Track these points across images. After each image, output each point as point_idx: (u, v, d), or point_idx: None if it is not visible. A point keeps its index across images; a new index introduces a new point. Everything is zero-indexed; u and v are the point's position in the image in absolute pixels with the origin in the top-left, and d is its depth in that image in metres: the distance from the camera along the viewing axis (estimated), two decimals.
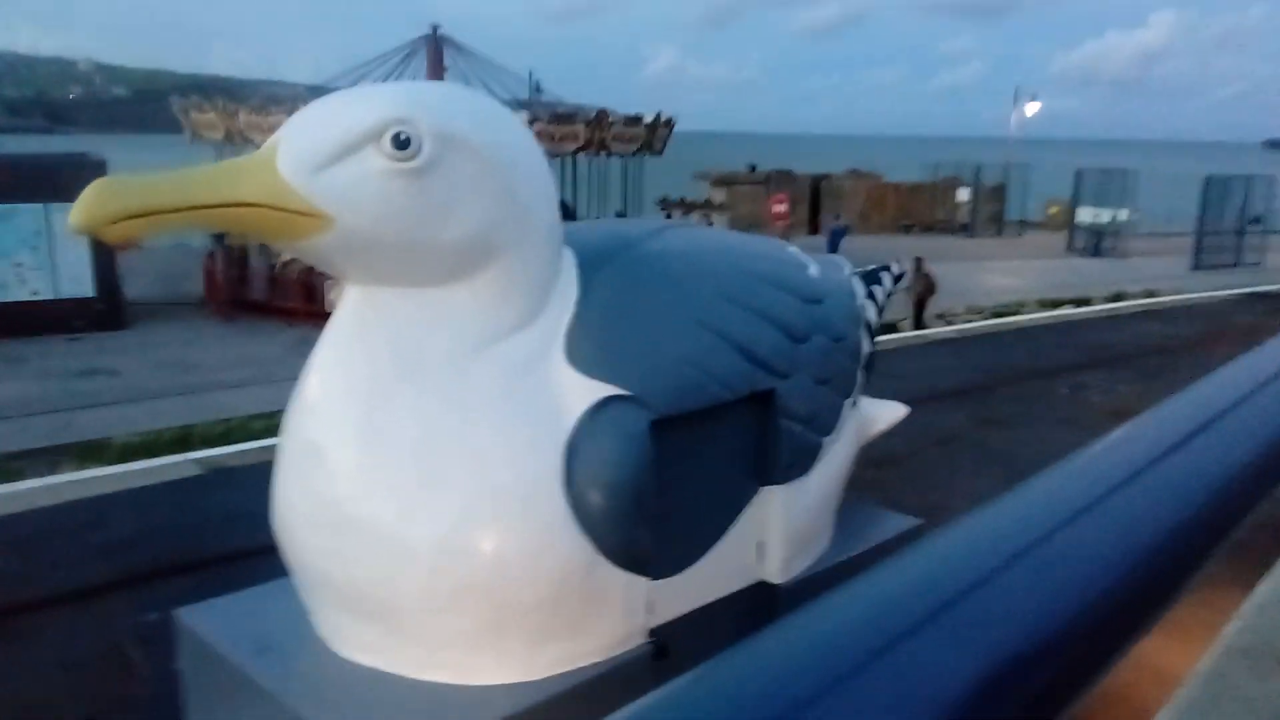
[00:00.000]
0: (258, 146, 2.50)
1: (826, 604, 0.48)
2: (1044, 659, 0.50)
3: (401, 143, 2.35)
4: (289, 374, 2.83)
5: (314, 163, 2.32)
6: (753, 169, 37.30)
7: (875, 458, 5.46)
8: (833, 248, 22.09)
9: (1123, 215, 29.69)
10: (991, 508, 0.58)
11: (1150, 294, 18.23)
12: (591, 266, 2.93)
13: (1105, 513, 0.59)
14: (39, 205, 15.42)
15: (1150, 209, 34.54)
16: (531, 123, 18.20)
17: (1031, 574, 0.52)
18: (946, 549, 0.54)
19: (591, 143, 20.78)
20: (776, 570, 3.39)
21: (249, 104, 19.68)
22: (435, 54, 22.52)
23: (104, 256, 15.85)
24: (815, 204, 36.05)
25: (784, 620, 0.47)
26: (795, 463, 3.36)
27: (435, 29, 22.96)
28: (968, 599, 0.49)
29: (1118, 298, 18.24)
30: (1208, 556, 0.64)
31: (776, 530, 3.35)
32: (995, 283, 22.65)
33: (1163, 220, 36.13)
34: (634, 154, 22.28)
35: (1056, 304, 17.92)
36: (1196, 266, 25.82)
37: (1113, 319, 13.68)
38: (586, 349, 2.75)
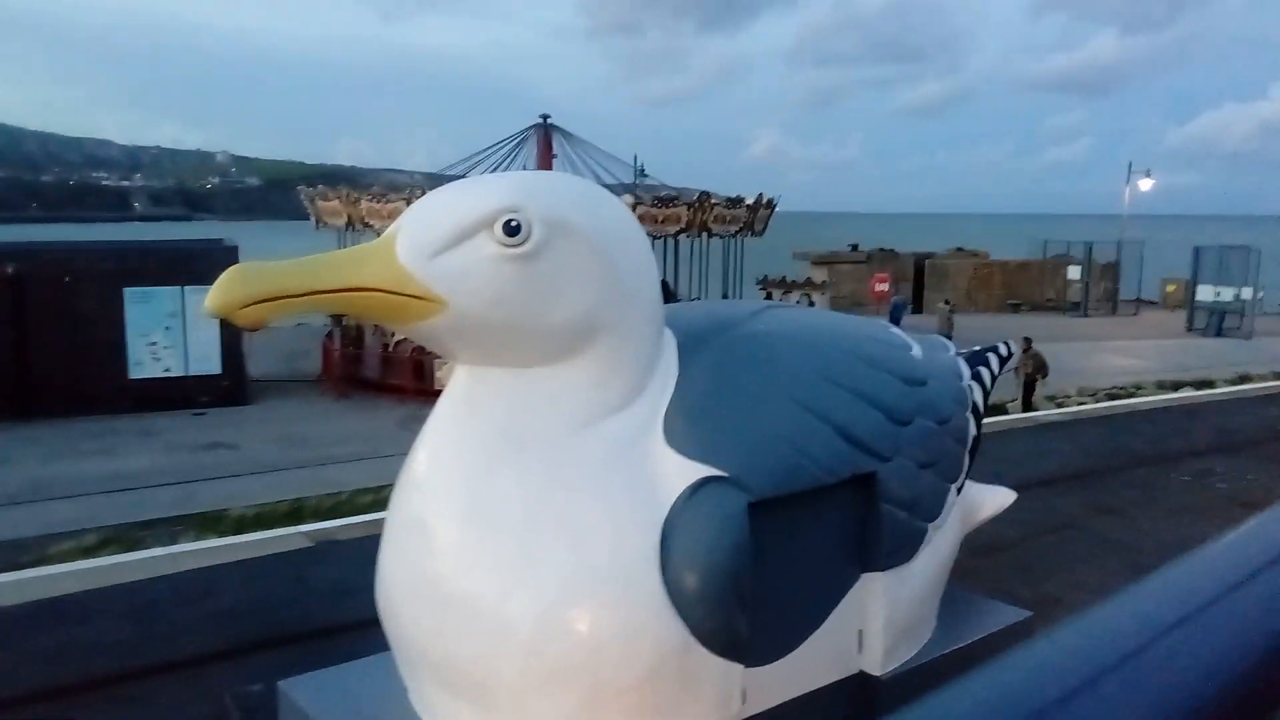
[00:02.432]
0: (377, 231, 2.66)
1: (927, 706, 0.48)
2: None
3: (513, 230, 2.45)
4: (398, 449, 2.93)
5: (430, 249, 2.44)
6: (854, 248, 37.15)
7: (982, 545, 5.27)
8: (894, 321, 21.75)
9: (1246, 293, 28.34)
10: (1107, 605, 0.57)
11: (1279, 376, 17.23)
12: (691, 347, 2.96)
13: (1234, 608, 0.57)
14: (176, 288, 16.47)
15: (1275, 287, 32.88)
16: (635, 206, 18.63)
17: (1153, 672, 0.51)
18: (1062, 645, 0.53)
19: (693, 224, 21.09)
20: (877, 661, 3.28)
21: (369, 192, 20.74)
22: (545, 141, 23.39)
23: (231, 336, 16.75)
24: (919, 283, 35.58)
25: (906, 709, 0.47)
26: (898, 549, 3.27)
27: (545, 118, 23.88)
28: (1078, 702, 0.48)
29: (1243, 380, 17.30)
30: None
31: (877, 619, 3.26)
32: (1110, 363, 21.79)
33: None
34: (735, 234, 22.50)
35: (1176, 386, 17.10)
36: None
37: (1238, 402, 12.95)
38: (685, 430, 2.77)
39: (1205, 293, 29.37)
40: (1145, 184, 39.23)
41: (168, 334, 16.77)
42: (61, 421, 14.93)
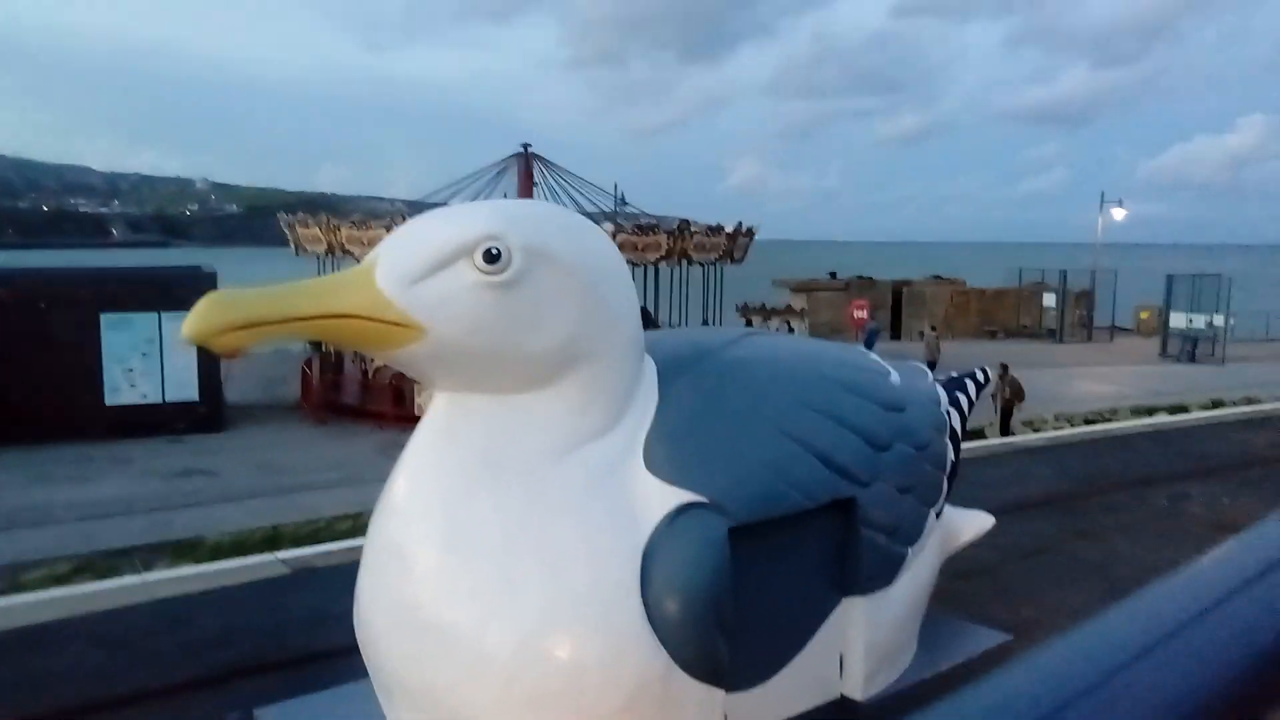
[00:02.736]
0: (357, 259, 2.66)
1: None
2: None
3: (492, 257, 2.47)
4: (377, 476, 2.93)
5: (410, 276, 2.46)
6: (833, 275, 37.43)
7: (962, 569, 5.28)
8: (869, 346, 21.92)
9: (1218, 320, 28.75)
10: (1087, 627, 0.57)
11: (1251, 401, 17.45)
12: (671, 374, 2.98)
13: (1209, 630, 0.58)
14: (153, 314, 16.35)
15: (1247, 314, 33.37)
16: (616, 234, 18.70)
17: (1130, 694, 0.52)
18: (1036, 669, 0.53)
19: (674, 252, 21.19)
20: (858, 685, 3.29)
21: (350, 219, 20.71)
22: (526, 170, 23.47)
23: (209, 362, 16.63)
24: (897, 310, 35.85)
25: None
26: (878, 573, 3.29)
27: (526, 147, 23.98)
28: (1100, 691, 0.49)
29: (1216, 405, 17.51)
30: None
31: (858, 643, 3.27)
32: (1086, 389, 22.00)
33: (1261, 326, 34.78)
34: (715, 262, 22.60)
35: (1151, 411, 17.28)
36: None
37: (1212, 427, 13.10)
38: (665, 455, 2.78)
39: (1178, 320, 29.78)
40: (1118, 213, 39.84)
41: (145, 360, 16.63)
42: (36, 448, 14.74)
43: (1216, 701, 0.55)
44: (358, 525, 7.60)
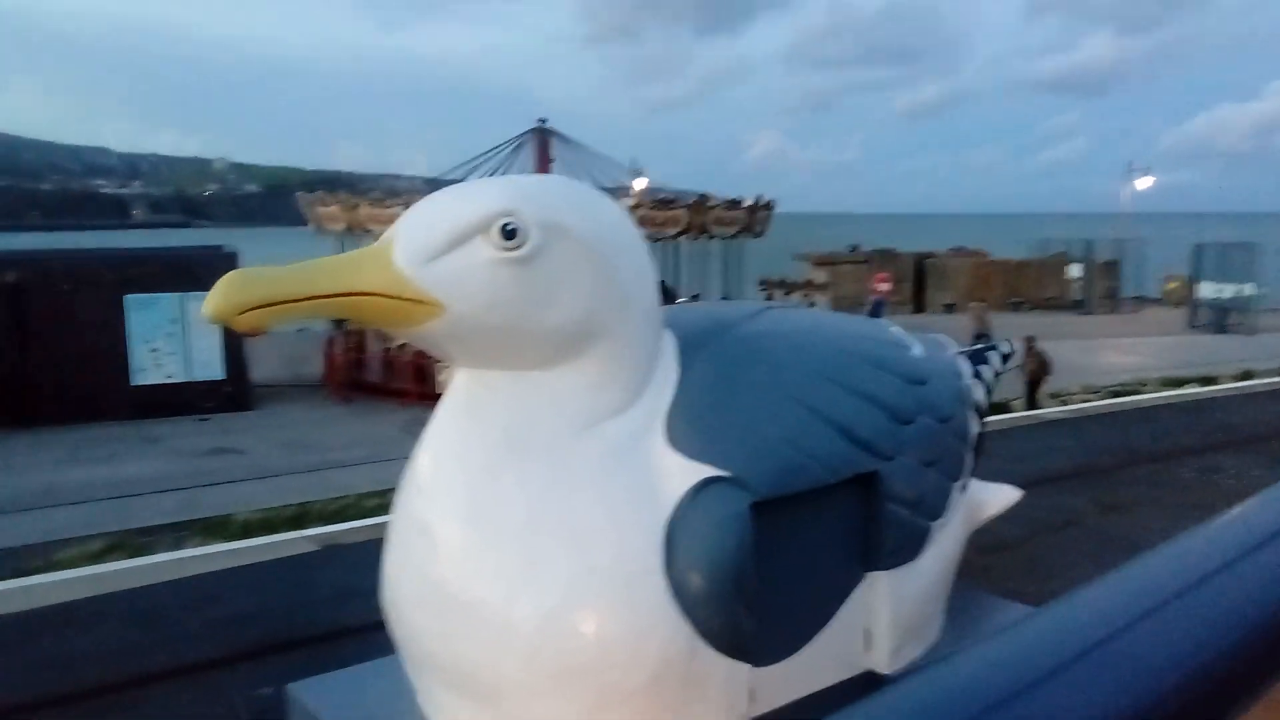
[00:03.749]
0: (376, 237, 2.65)
1: (918, 680, 0.49)
2: None
3: (509, 233, 2.45)
4: (401, 453, 2.94)
5: (427, 254, 2.45)
6: (854, 249, 37.19)
7: (988, 544, 5.27)
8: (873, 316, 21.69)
9: (1248, 290, 28.34)
10: (1089, 589, 0.57)
11: None
12: (691, 349, 2.96)
13: (1201, 600, 0.57)
14: (175, 295, 16.49)
15: (1277, 283, 32.88)
16: (635, 208, 18.64)
17: (1114, 664, 0.52)
18: (1020, 639, 0.54)
19: (692, 226, 21.09)
20: (884, 660, 3.28)
21: (369, 197, 20.74)
22: (542, 146, 23.39)
23: (233, 342, 16.76)
24: (919, 282, 35.58)
25: (881, 692, 0.48)
26: (902, 547, 3.27)
27: (542, 122, 23.89)
28: (1032, 695, 0.48)
29: (1246, 376, 17.28)
30: None
31: (883, 617, 3.26)
32: (1113, 361, 21.78)
33: None
34: (734, 236, 22.49)
35: (1180, 383, 17.08)
36: None
37: (1242, 398, 12.94)
38: (686, 430, 2.77)
39: (1207, 289, 29.37)
40: (1143, 182, 39.26)
41: (169, 340, 16.78)
42: (64, 429, 14.96)
43: (1201, 676, 0.54)
44: (384, 502, 7.66)
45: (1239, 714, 0.56)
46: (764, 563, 2.76)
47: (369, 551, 3.12)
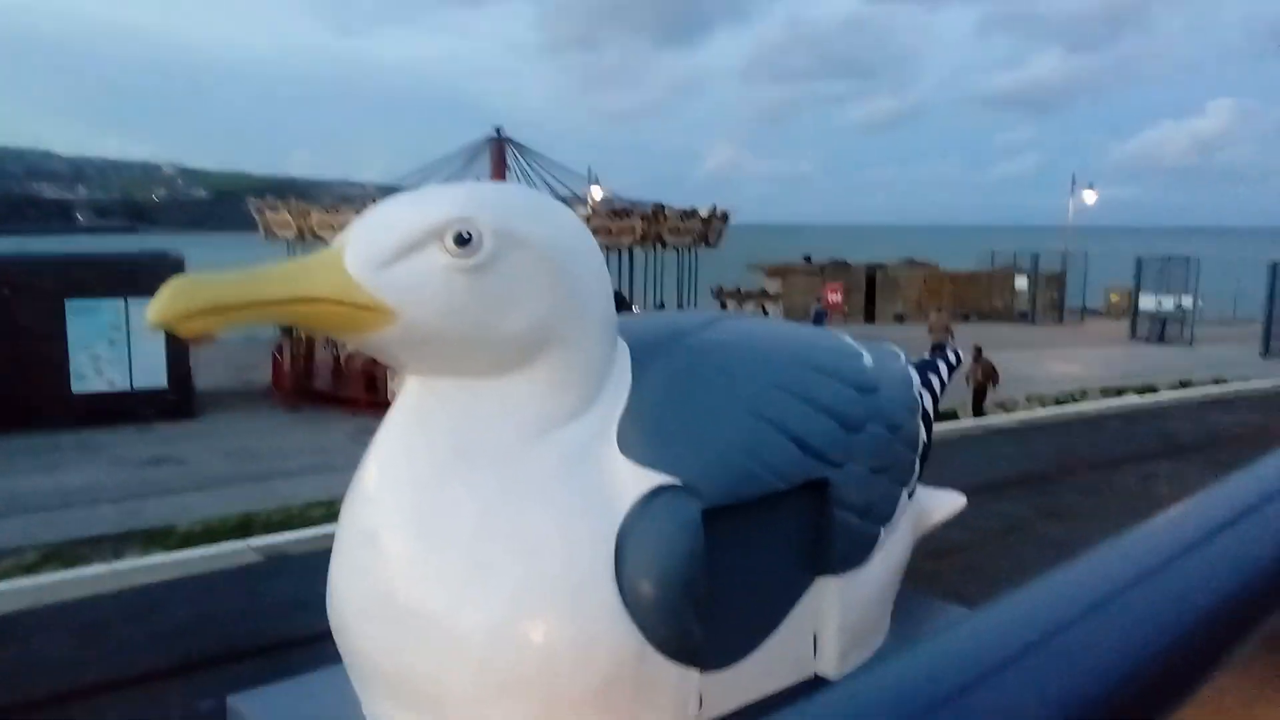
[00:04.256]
0: (328, 244, 2.62)
1: (856, 682, 0.49)
2: None
3: (463, 240, 2.44)
4: (349, 462, 2.91)
5: (379, 260, 2.42)
6: (808, 259, 37.57)
7: (934, 549, 5.34)
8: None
9: (1187, 302, 29.15)
10: (1025, 590, 0.59)
11: (1219, 381, 17.72)
12: (644, 357, 2.97)
13: (1139, 599, 0.59)
14: (119, 300, 16.11)
15: (1214, 296, 33.86)
16: (590, 218, 18.63)
17: (1072, 650, 0.53)
18: (983, 626, 0.55)
19: (648, 236, 21.16)
20: (832, 664, 3.31)
21: (321, 203, 20.49)
22: (498, 154, 23.34)
23: (177, 349, 16.41)
24: (871, 293, 36.06)
25: (820, 694, 0.49)
26: (851, 553, 3.31)
27: (499, 130, 23.83)
28: (976, 694, 0.49)
29: (1184, 385, 17.78)
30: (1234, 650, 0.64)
31: (832, 622, 3.29)
32: (1057, 370, 22.25)
33: (1228, 307, 35.32)
34: (690, 246, 22.60)
35: (1121, 392, 17.50)
36: (1266, 353, 25.09)
37: (1180, 407, 13.30)
38: (638, 438, 2.77)
39: (1148, 301, 30.13)
40: (1089, 197, 40.21)
41: (112, 347, 16.38)
42: (2, 437, 14.52)
43: (1140, 674, 0.55)
44: (330, 512, 7.55)
45: (1173, 712, 0.58)
46: (714, 569, 2.77)
47: (315, 562, 3.08)
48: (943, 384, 4.25)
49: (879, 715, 0.47)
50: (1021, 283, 36.51)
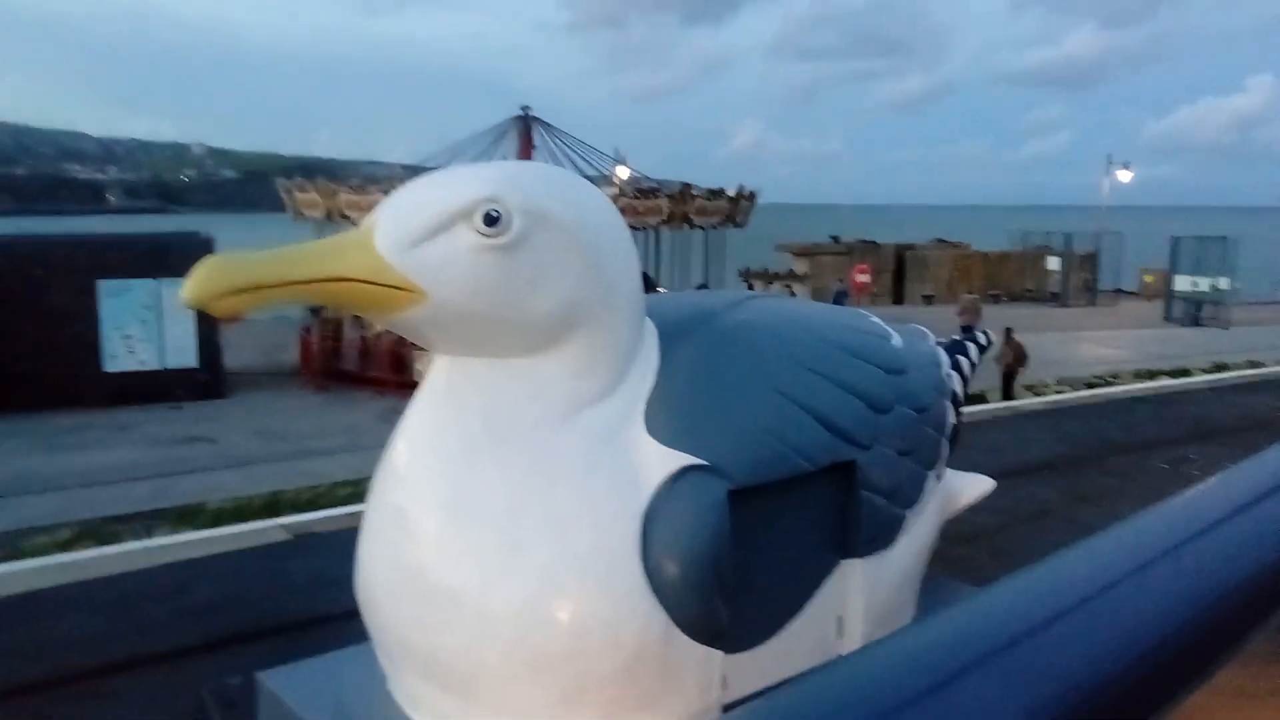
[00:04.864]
0: (355, 224, 2.62)
1: (870, 652, 0.48)
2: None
3: (492, 220, 2.43)
4: (377, 442, 2.91)
5: (409, 240, 2.42)
6: (835, 239, 37.33)
7: (961, 533, 5.30)
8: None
9: (1223, 283, 28.66)
10: (1044, 565, 0.58)
11: (1254, 365, 17.43)
12: (672, 338, 2.96)
13: (1140, 587, 0.58)
14: (151, 281, 16.31)
15: (1252, 277, 33.27)
16: (617, 197, 18.58)
17: (1091, 624, 0.52)
18: (997, 601, 0.54)
19: (675, 216, 21.09)
20: (856, 647, 3.30)
21: (348, 184, 20.60)
22: (525, 133, 23.33)
23: (208, 329, 16.61)
24: (900, 273, 35.77)
25: (830, 664, 0.47)
26: (877, 535, 3.29)
27: (525, 110, 23.80)
28: (1013, 651, 0.49)
29: (1219, 369, 17.51)
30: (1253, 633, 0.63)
31: (857, 605, 3.27)
32: (1088, 353, 22.00)
33: (1266, 289, 34.72)
34: (716, 226, 22.51)
35: (1154, 375, 17.28)
36: None
37: (1215, 391, 13.10)
38: (666, 419, 2.76)
39: (1182, 283, 29.67)
40: (1124, 176, 39.55)
41: (143, 327, 16.60)
42: (35, 416, 14.76)
43: (1136, 665, 0.54)
44: (358, 491, 7.62)
45: (1174, 704, 0.57)
46: (740, 550, 2.76)
47: (342, 540, 3.10)
48: (972, 366, 4.20)
49: (877, 695, 0.46)
50: (1054, 263, 36.04)
